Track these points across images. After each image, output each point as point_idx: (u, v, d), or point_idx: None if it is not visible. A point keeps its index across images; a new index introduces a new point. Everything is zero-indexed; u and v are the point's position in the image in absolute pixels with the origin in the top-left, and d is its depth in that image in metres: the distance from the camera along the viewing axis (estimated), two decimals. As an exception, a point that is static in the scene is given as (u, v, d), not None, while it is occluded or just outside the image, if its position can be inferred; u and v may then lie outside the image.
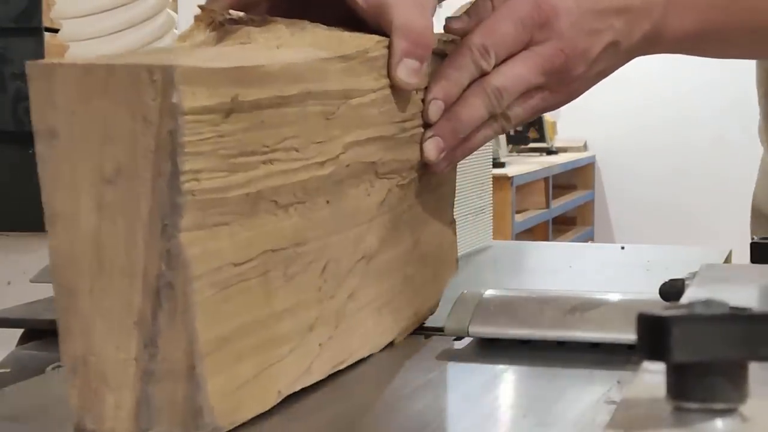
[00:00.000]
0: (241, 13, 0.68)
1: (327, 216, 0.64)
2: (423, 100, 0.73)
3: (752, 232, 1.23)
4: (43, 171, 0.54)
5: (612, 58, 0.79)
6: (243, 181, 0.56)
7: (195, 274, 0.53)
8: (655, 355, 0.42)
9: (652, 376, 0.44)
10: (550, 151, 5.38)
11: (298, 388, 0.62)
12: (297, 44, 0.65)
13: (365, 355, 0.70)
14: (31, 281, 1.16)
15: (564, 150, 5.53)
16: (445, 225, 0.80)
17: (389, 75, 0.69)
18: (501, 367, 0.71)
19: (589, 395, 0.64)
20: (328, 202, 0.64)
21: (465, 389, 0.69)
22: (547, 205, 4.95)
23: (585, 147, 5.76)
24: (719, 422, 0.41)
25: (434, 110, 0.73)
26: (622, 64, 0.81)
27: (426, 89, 0.73)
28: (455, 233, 0.82)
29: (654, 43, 0.81)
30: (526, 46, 0.75)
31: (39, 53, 2.13)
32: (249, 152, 0.56)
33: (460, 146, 0.75)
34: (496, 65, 0.75)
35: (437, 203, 0.78)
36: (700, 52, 0.87)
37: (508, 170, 4.33)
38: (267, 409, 0.59)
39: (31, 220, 2.19)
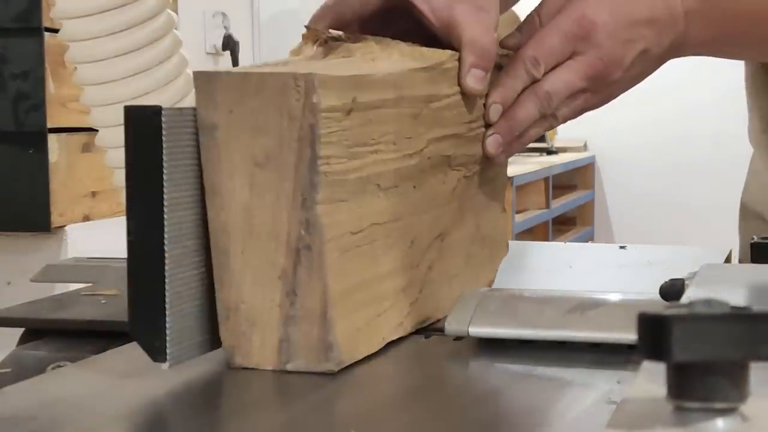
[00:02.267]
0: (340, 32, 0.82)
1: (414, 199, 0.76)
2: (484, 105, 0.85)
3: (740, 230, 1.23)
4: (204, 157, 0.66)
5: (645, 63, 0.89)
6: (357, 166, 0.69)
7: (327, 238, 0.66)
8: (655, 355, 0.42)
9: (653, 375, 0.44)
10: (550, 151, 5.37)
11: (395, 337, 0.73)
12: (387, 57, 0.79)
13: (440, 317, 0.79)
14: (31, 281, 1.16)
15: (564, 150, 5.52)
16: (499, 212, 0.92)
17: (459, 83, 0.82)
18: (501, 367, 0.71)
19: (589, 395, 0.64)
20: (414, 187, 0.76)
21: (465, 389, 0.69)
22: (547, 205, 4.95)
23: (585, 147, 5.76)
24: (720, 422, 0.41)
25: (494, 112, 0.85)
26: (655, 69, 0.91)
27: (487, 95, 0.85)
28: (506, 220, 0.94)
29: (680, 49, 0.91)
30: (570, 56, 0.86)
31: (39, 53, 2.12)
32: (361, 143, 0.69)
33: (516, 142, 0.87)
34: (545, 73, 0.86)
35: (493, 193, 0.90)
36: (721, 55, 0.99)
37: (508, 170, 4.31)
38: (375, 351, 0.70)
39: (31, 220, 2.19)
